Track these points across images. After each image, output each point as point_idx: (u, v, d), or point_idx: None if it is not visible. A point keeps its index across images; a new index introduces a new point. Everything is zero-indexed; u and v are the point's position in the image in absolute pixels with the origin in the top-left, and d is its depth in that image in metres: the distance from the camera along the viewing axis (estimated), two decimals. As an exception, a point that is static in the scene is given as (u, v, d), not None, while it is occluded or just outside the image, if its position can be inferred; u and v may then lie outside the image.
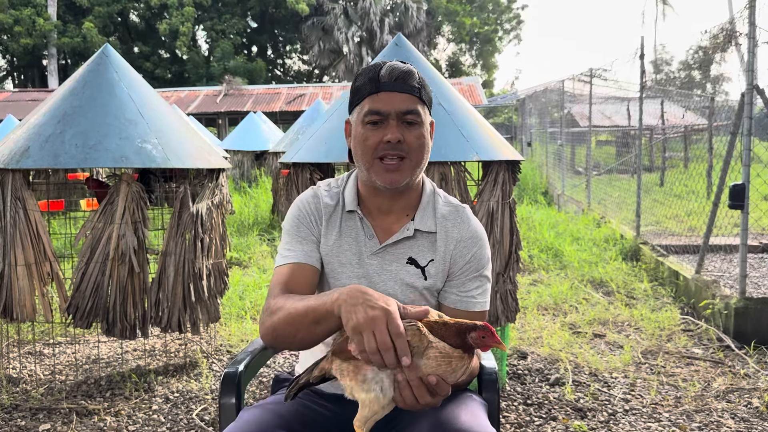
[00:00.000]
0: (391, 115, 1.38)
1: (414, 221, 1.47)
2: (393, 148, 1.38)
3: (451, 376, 1.16)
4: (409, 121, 1.39)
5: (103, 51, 3.45)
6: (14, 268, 3.10)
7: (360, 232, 1.48)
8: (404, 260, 1.47)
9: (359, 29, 30.62)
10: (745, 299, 3.95)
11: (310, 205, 1.51)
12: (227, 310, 4.53)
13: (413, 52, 3.12)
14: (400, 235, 1.46)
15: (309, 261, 1.45)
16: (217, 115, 23.56)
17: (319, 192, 1.53)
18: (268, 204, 8.95)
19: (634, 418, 2.89)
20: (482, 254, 1.49)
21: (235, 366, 1.56)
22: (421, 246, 1.48)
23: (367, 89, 1.40)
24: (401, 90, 1.39)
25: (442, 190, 1.58)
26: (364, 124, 1.40)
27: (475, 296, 1.48)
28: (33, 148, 3.03)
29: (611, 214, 7.93)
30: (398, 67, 1.40)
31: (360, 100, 1.42)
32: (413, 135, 1.40)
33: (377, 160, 1.40)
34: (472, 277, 1.48)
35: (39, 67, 34.61)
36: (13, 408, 3.02)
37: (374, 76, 1.40)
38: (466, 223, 1.50)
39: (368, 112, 1.39)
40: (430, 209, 1.49)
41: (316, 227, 1.49)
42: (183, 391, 3.21)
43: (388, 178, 1.40)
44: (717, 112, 8.59)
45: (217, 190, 3.47)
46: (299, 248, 1.46)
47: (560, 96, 11.23)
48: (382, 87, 1.39)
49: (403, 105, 1.39)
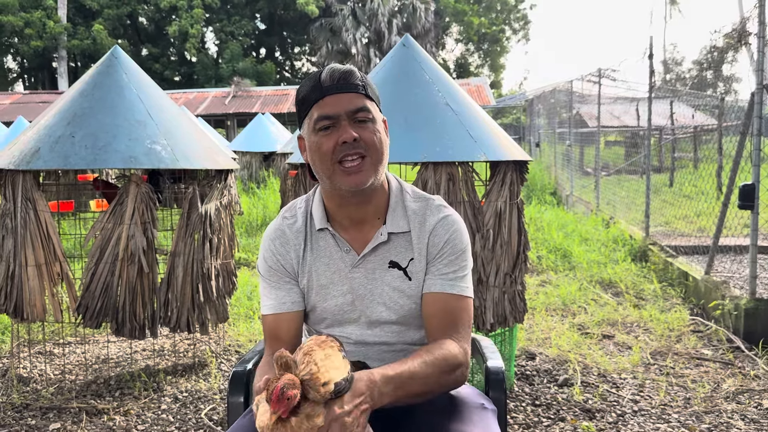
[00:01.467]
0: (342, 116, 1.35)
1: (386, 225, 1.45)
2: (351, 148, 1.34)
3: None
4: (360, 119, 1.36)
5: (112, 53, 3.48)
6: (25, 268, 3.12)
7: (334, 248, 1.46)
8: (386, 265, 1.45)
9: (367, 30, 30.65)
10: (755, 300, 3.93)
11: (274, 243, 1.49)
12: (236, 310, 4.55)
13: (421, 53, 3.12)
14: (375, 241, 1.44)
15: (284, 309, 1.46)
16: (225, 117, 23.64)
17: (283, 222, 1.50)
18: (277, 205, 8.97)
19: (642, 419, 2.88)
20: (457, 239, 1.45)
21: (243, 365, 1.57)
22: (398, 247, 1.46)
23: (312, 97, 1.37)
24: (345, 90, 1.36)
25: (408, 184, 1.54)
26: (317, 131, 1.36)
27: (452, 278, 1.43)
28: (43, 149, 3.06)
29: (620, 214, 7.90)
30: (337, 68, 1.38)
31: (307, 110, 1.38)
32: (368, 132, 1.36)
33: (337, 164, 1.35)
34: (448, 261, 1.44)
35: (49, 69, 34.86)
36: (23, 407, 3.04)
37: (316, 83, 1.37)
38: (437, 212, 1.47)
39: (318, 118, 1.35)
40: (400, 209, 1.46)
41: (287, 263, 1.47)
42: (192, 390, 3.23)
43: (352, 180, 1.35)
44: (727, 111, 8.54)
45: (226, 190, 3.48)
46: (274, 296, 1.47)
47: (569, 96, 11.20)
48: (326, 91, 1.36)
49: (352, 104, 1.35)
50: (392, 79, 2.99)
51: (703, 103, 9.08)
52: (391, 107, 2.88)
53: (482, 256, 2.88)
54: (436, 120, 2.84)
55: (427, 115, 2.86)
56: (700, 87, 11.81)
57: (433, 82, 2.98)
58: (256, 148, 12.45)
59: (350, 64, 12.77)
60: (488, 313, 2.90)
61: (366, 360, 1.46)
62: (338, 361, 1.17)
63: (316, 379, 1.11)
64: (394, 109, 2.87)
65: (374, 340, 1.47)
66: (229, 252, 3.50)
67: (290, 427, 1.09)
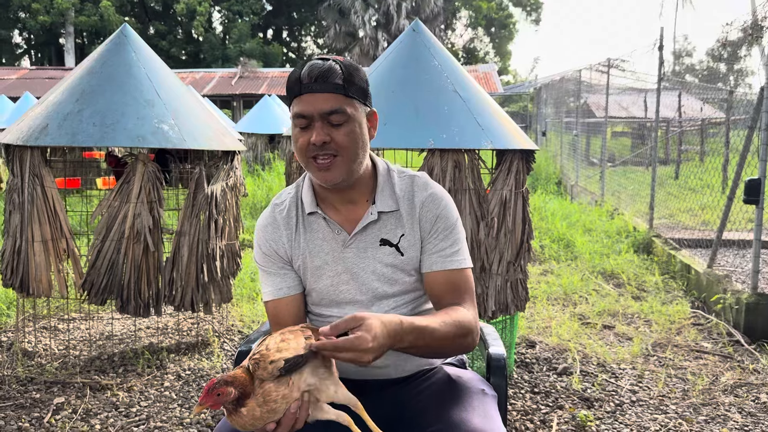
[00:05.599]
0: (314, 117, 1.36)
1: (375, 204, 1.48)
2: (320, 150, 1.37)
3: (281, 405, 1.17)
4: (334, 122, 1.37)
5: (121, 31, 3.47)
6: (31, 243, 3.15)
7: (326, 230, 1.49)
8: (377, 243, 1.48)
9: (376, 12, 30.45)
10: (757, 295, 3.94)
11: (266, 230, 1.52)
12: (239, 291, 4.58)
13: (431, 38, 3.11)
14: (365, 220, 1.47)
15: (282, 294, 1.49)
16: (231, 98, 23.60)
17: (275, 209, 1.54)
18: (281, 187, 8.98)
19: (640, 409, 2.90)
20: (448, 213, 1.49)
21: (248, 345, 1.59)
22: (389, 225, 1.48)
23: (294, 91, 1.39)
24: (322, 90, 1.36)
25: (396, 165, 1.57)
26: (294, 126, 1.40)
27: (450, 254, 1.47)
28: (51, 125, 3.06)
29: (624, 206, 7.89)
30: (317, 65, 1.37)
31: (290, 101, 1.41)
32: (341, 134, 1.38)
33: (311, 159, 1.39)
34: (443, 236, 1.48)
35: (56, 45, 34.77)
36: (28, 381, 3.08)
37: (297, 76, 1.38)
38: (423, 188, 1.50)
39: (294, 114, 1.38)
40: (388, 188, 1.49)
41: (280, 249, 1.50)
42: (195, 369, 3.26)
43: (322, 177, 1.39)
44: (735, 105, 8.49)
45: (232, 172, 3.49)
46: (271, 282, 1.51)
47: (577, 86, 11.14)
48: (303, 89, 1.37)
49: (326, 105, 1.36)
50: (401, 64, 2.99)
51: (712, 97, 9.03)
52: (400, 93, 2.88)
53: (486, 244, 2.89)
54: (443, 107, 2.84)
55: (434, 101, 2.85)
56: (711, 80, 11.74)
57: (441, 68, 2.98)
58: (261, 130, 12.44)
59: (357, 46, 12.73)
60: (490, 300, 2.92)
61: None
62: (296, 343, 1.20)
63: (264, 358, 1.16)
64: (402, 94, 2.87)
65: None
66: (233, 233, 3.52)
67: (242, 414, 1.15)
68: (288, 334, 1.23)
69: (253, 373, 1.16)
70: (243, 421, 1.15)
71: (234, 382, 1.14)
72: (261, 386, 1.15)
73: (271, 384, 1.15)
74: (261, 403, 1.15)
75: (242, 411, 1.14)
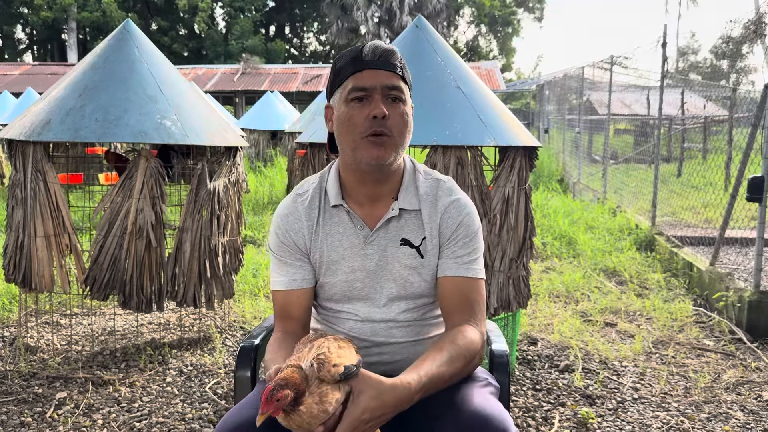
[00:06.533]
0: (376, 90, 1.38)
1: (398, 201, 1.48)
2: (378, 125, 1.37)
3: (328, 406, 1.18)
4: (393, 96, 1.39)
5: (124, 26, 3.47)
6: (34, 239, 3.15)
7: (348, 225, 1.48)
8: (398, 242, 1.47)
9: (378, 9, 30.41)
10: (760, 293, 3.93)
11: (287, 219, 1.50)
12: (241, 287, 4.58)
13: (433, 35, 3.11)
14: (387, 215, 1.47)
15: (295, 285, 1.48)
16: (234, 94, 23.59)
17: (297, 199, 1.52)
18: (283, 184, 8.98)
19: (642, 406, 2.90)
20: (471, 222, 1.49)
21: (250, 340, 1.59)
22: (410, 225, 1.48)
23: (350, 69, 1.40)
24: (384, 67, 1.40)
25: (422, 165, 1.57)
26: (348, 102, 1.39)
27: (466, 261, 1.47)
28: (54, 121, 3.06)
29: (627, 203, 7.88)
30: (381, 45, 1.41)
31: (342, 81, 1.41)
32: (397, 112, 1.40)
33: (364, 138, 1.38)
34: (462, 243, 1.47)
35: (58, 40, 34.79)
36: (30, 375, 3.09)
37: (357, 55, 1.41)
38: (448, 193, 1.50)
39: (352, 89, 1.39)
40: (412, 187, 1.49)
41: (299, 239, 1.49)
42: (197, 364, 3.26)
43: (375, 153, 1.38)
44: (738, 103, 8.47)
45: (234, 168, 3.49)
46: (285, 272, 1.49)
47: (579, 83, 11.12)
48: (366, 65, 1.39)
49: (388, 80, 1.39)
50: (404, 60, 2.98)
51: (715, 94, 9.01)
52: (402, 89, 2.88)
53: (488, 241, 2.89)
54: (446, 103, 2.84)
55: (437, 97, 2.85)
56: (714, 77, 11.70)
57: (444, 64, 2.97)
58: (264, 126, 12.44)
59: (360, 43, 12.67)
60: (492, 297, 2.92)
61: (373, 337, 1.48)
62: (350, 353, 1.24)
63: (329, 361, 1.18)
64: (405, 90, 2.86)
65: (381, 317, 1.49)
66: (236, 229, 3.52)
67: (301, 412, 1.15)
68: (342, 343, 1.26)
69: (317, 373, 1.17)
70: (301, 419, 1.15)
71: (288, 383, 1.14)
72: (319, 386, 1.17)
73: (329, 386, 1.17)
74: (318, 402, 1.16)
75: (301, 409, 1.15)
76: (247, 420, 1.29)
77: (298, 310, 1.49)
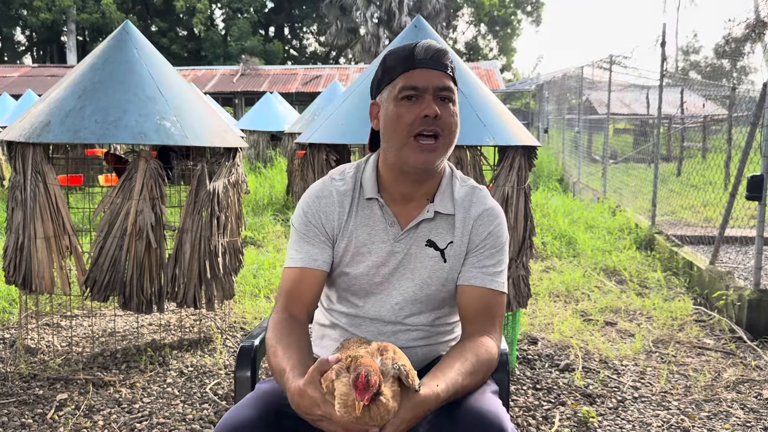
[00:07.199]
0: (428, 90, 1.38)
1: (434, 203, 1.47)
2: (430, 124, 1.36)
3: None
4: (443, 96, 1.39)
5: (123, 28, 3.47)
6: (34, 240, 3.15)
7: (379, 219, 1.47)
8: (423, 243, 1.47)
9: (378, 9, 30.40)
10: (760, 291, 3.94)
11: (320, 201, 1.49)
12: (241, 288, 4.58)
13: (432, 34, 3.11)
14: (420, 217, 1.46)
15: (314, 265, 1.45)
16: (233, 95, 23.59)
17: (332, 183, 1.50)
18: (283, 185, 8.99)
19: (643, 405, 2.90)
20: (500, 232, 1.48)
21: (250, 340, 1.59)
22: (440, 228, 1.47)
23: (401, 67, 1.39)
24: (436, 67, 1.39)
25: (459, 171, 1.57)
26: (398, 100, 1.38)
27: (492, 273, 1.46)
28: (54, 122, 3.07)
29: (627, 202, 7.88)
30: (433, 45, 1.41)
31: (392, 79, 1.40)
32: (448, 112, 1.39)
33: (412, 139, 1.38)
34: (489, 253, 1.46)
35: (58, 42, 34.80)
36: (31, 377, 3.09)
37: (409, 54, 1.40)
38: (482, 202, 1.50)
39: (403, 87, 1.38)
40: (449, 192, 1.49)
41: (328, 223, 1.47)
42: (197, 365, 3.27)
43: (423, 158, 1.38)
44: (738, 102, 8.47)
45: (234, 169, 3.50)
46: (306, 250, 1.46)
47: (579, 82, 11.13)
48: (418, 64, 1.38)
49: (439, 81, 1.39)
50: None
51: (715, 93, 9.01)
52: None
53: (488, 241, 2.89)
54: (445, 103, 2.83)
55: (437, 97, 2.85)
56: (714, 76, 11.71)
57: (443, 64, 2.97)
58: (263, 127, 12.44)
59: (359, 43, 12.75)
60: (492, 297, 2.91)
61: (379, 337, 1.47)
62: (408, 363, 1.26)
63: (411, 371, 1.20)
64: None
65: (391, 318, 1.49)
66: (236, 230, 3.52)
67: (381, 402, 1.15)
68: (399, 352, 1.26)
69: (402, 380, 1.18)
70: (378, 411, 1.14)
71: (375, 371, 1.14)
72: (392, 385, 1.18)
73: (398, 388, 1.18)
74: (392, 397, 1.16)
75: (381, 399, 1.14)
76: (247, 419, 1.29)
77: (308, 293, 1.45)
